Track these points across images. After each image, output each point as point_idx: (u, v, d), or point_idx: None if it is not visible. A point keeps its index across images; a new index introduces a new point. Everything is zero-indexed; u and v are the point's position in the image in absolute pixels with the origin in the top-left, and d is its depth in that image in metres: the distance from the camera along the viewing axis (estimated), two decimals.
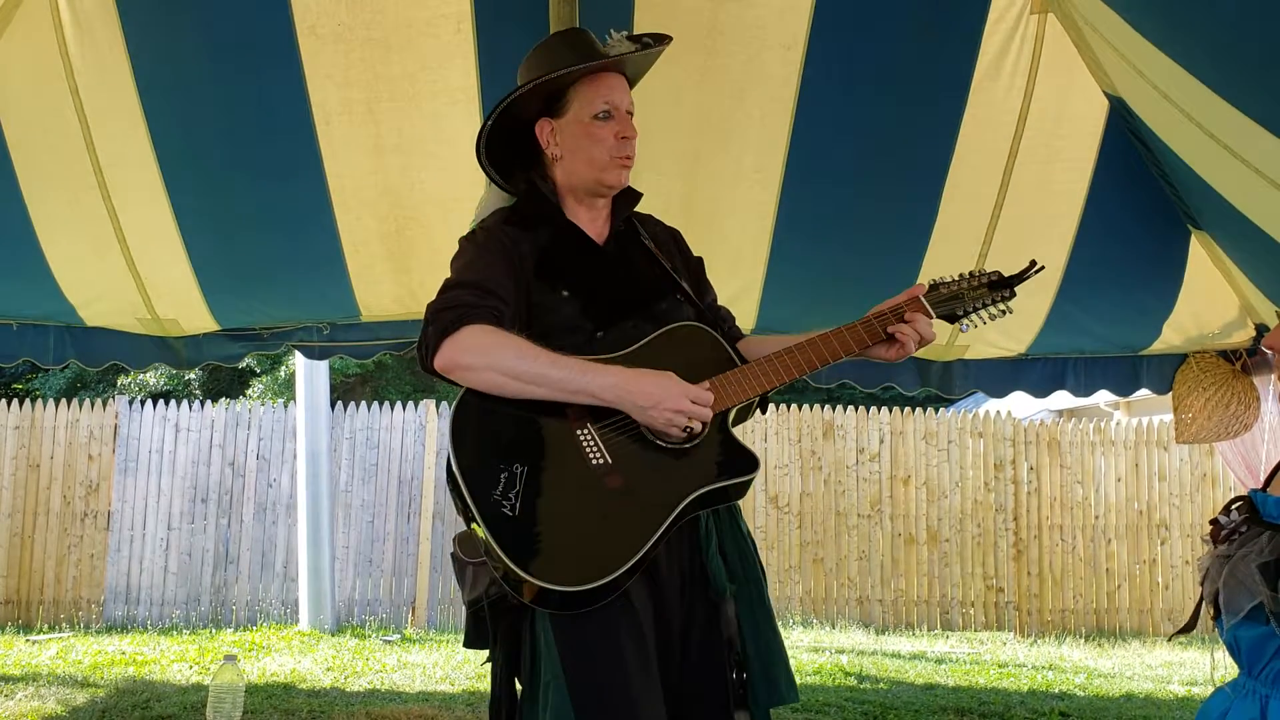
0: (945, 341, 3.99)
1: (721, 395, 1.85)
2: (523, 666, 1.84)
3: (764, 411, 2.03)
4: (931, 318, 1.99)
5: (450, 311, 1.81)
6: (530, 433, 1.80)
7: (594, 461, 1.77)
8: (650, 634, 1.79)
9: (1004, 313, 2.05)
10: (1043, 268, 2.07)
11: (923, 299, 1.99)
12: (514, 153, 2.06)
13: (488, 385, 1.79)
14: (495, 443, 1.79)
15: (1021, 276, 2.04)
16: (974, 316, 2.03)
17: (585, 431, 1.79)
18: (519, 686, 1.86)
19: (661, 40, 2.04)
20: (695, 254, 2.22)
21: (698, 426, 1.79)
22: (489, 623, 1.84)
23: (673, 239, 2.19)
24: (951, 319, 2.03)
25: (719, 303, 2.20)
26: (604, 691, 1.73)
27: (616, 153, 1.97)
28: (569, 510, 1.75)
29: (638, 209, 2.15)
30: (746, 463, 1.85)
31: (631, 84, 2.08)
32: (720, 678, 1.82)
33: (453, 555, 1.89)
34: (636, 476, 1.78)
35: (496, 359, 1.77)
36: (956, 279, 2.03)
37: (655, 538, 1.73)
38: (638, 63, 2.06)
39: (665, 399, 1.76)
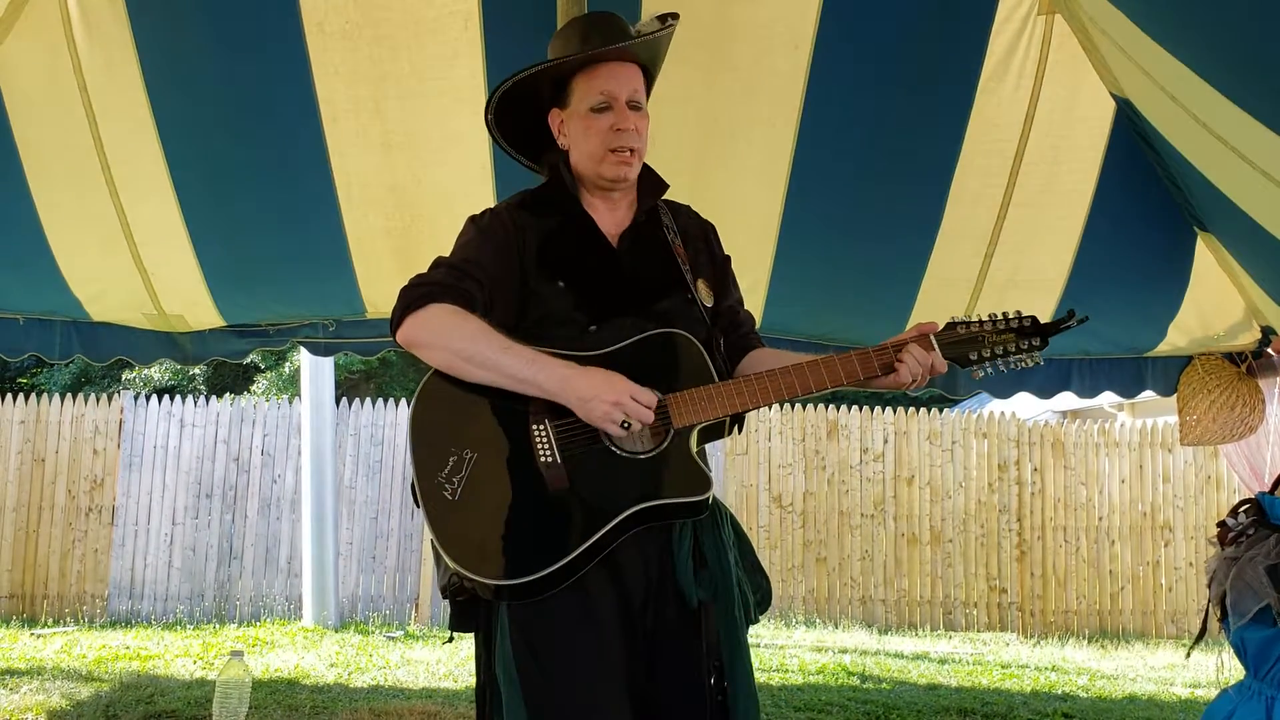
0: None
1: (683, 412, 1.80)
2: (493, 655, 1.82)
3: (739, 431, 1.95)
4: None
5: (420, 288, 1.83)
6: (486, 422, 1.79)
7: (542, 459, 1.75)
8: (617, 635, 1.76)
9: (1030, 364, 1.87)
10: (1086, 318, 1.87)
11: (932, 338, 1.86)
12: (543, 139, 2.05)
13: (441, 364, 1.80)
14: (451, 426, 1.79)
15: (1058, 326, 1.85)
16: (991, 364, 1.86)
17: (541, 428, 1.77)
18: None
19: (666, 22, 1.96)
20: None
21: (636, 425, 1.75)
22: (458, 608, 1.84)
23: (703, 234, 2.12)
24: (962, 363, 1.86)
25: (742, 306, 2.15)
26: (554, 690, 1.71)
27: (611, 144, 1.91)
28: (506, 505, 1.74)
29: (670, 198, 2.10)
30: (697, 483, 1.77)
31: (650, 70, 2.03)
32: (696, 686, 1.77)
33: (431, 541, 1.87)
34: (582, 480, 1.75)
35: (451, 339, 1.79)
36: (979, 321, 1.87)
37: (588, 544, 1.70)
38: (647, 49, 1.99)
39: (604, 391, 1.73)
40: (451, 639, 1.96)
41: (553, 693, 1.72)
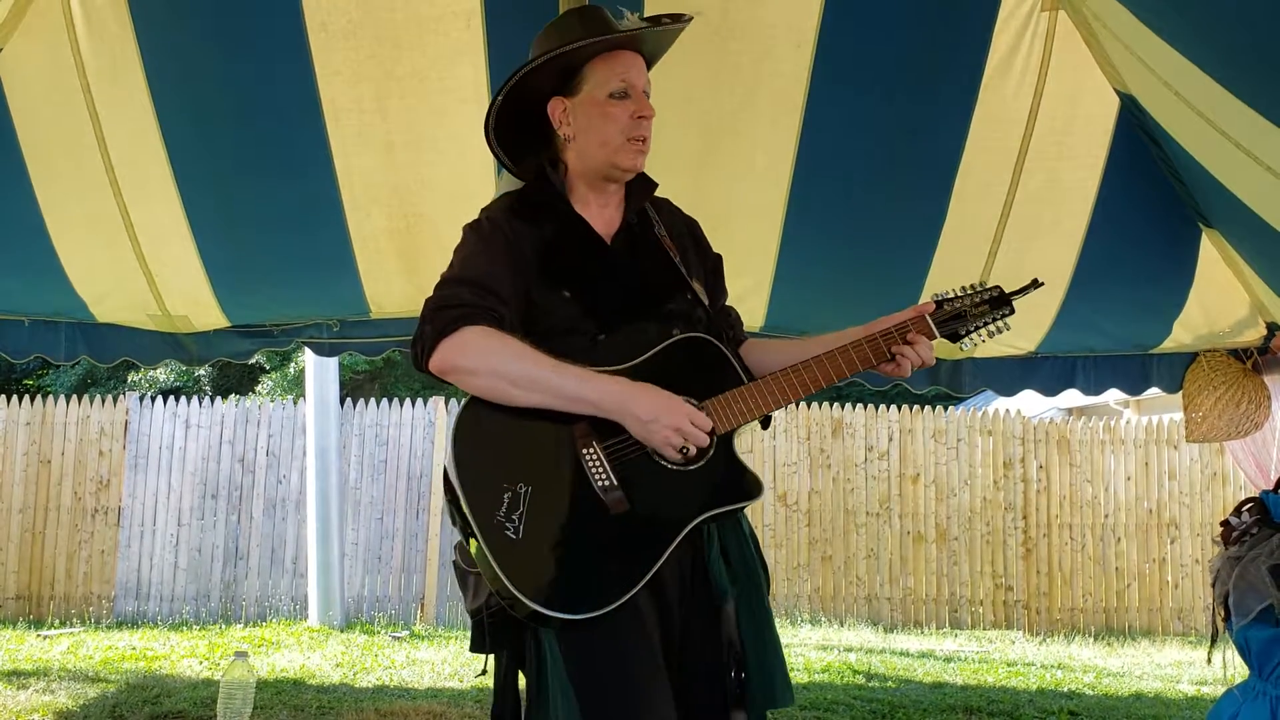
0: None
1: (723, 416, 1.80)
2: (528, 670, 1.81)
3: (765, 428, 1.97)
4: (934, 338, 1.95)
5: (448, 311, 1.76)
6: (535, 451, 1.73)
7: (599, 483, 1.71)
8: (656, 636, 1.77)
9: (1001, 330, 2.02)
10: (1042, 284, 2.05)
11: (928, 319, 1.95)
12: (526, 135, 1.98)
13: (485, 390, 1.73)
14: (499, 459, 1.72)
15: (1020, 293, 2.01)
16: (975, 335, 2.01)
17: (591, 451, 1.73)
18: (523, 686, 1.85)
19: (679, 19, 1.94)
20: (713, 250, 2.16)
21: (693, 450, 1.74)
22: (491, 631, 1.81)
23: (689, 230, 2.10)
24: (954, 338, 1.99)
25: (729, 303, 2.15)
26: (613, 701, 1.70)
27: (631, 133, 1.88)
28: (573, 536, 1.70)
29: (667, 196, 2.09)
30: (751, 486, 1.80)
31: (649, 64, 1.99)
32: (719, 678, 1.79)
33: (454, 563, 1.86)
34: (641, 499, 1.73)
35: (496, 363, 1.72)
36: (960, 294, 1.99)
37: (660, 562, 1.71)
38: (656, 40, 1.96)
39: (665, 415, 1.72)
40: (485, 671, 1.93)
41: (608, 702, 1.70)
